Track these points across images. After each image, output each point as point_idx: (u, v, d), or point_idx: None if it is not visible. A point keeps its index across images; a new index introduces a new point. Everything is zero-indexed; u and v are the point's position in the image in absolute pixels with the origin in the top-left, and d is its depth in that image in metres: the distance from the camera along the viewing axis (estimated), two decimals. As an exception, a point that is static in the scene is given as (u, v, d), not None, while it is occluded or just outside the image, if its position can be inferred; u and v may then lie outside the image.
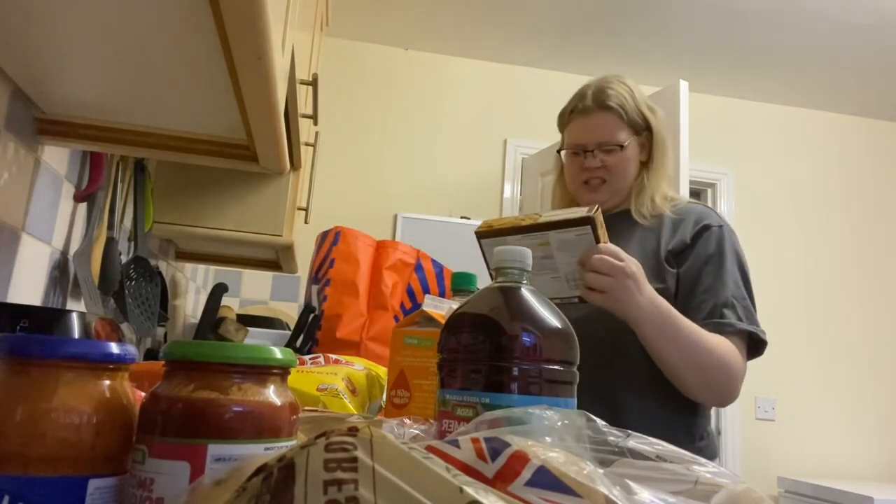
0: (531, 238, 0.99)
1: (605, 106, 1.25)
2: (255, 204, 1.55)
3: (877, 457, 3.60)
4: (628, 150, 1.26)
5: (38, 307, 0.97)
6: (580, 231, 0.98)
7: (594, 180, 1.27)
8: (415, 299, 1.86)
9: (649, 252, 1.20)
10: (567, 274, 1.02)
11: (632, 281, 1.02)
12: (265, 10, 0.63)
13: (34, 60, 0.83)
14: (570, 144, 1.30)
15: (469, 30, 3.34)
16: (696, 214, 1.24)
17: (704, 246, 1.19)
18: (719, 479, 0.35)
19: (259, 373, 0.42)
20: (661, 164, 1.29)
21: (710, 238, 1.19)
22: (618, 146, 1.25)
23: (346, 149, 3.41)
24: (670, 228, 1.23)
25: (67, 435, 0.38)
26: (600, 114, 1.25)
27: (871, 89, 3.65)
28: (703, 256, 1.18)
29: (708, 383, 1.10)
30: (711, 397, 1.14)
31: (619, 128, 1.25)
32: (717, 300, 1.13)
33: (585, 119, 1.27)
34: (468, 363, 0.52)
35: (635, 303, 1.03)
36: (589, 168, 1.26)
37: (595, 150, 1.25)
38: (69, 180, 1.12)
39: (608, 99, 1.25)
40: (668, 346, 1.07)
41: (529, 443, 0.34)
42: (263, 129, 0.91)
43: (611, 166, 1.26)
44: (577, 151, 1.28)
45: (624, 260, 1.02)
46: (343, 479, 0.27)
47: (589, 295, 1.03)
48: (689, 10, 3.00)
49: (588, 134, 1.26)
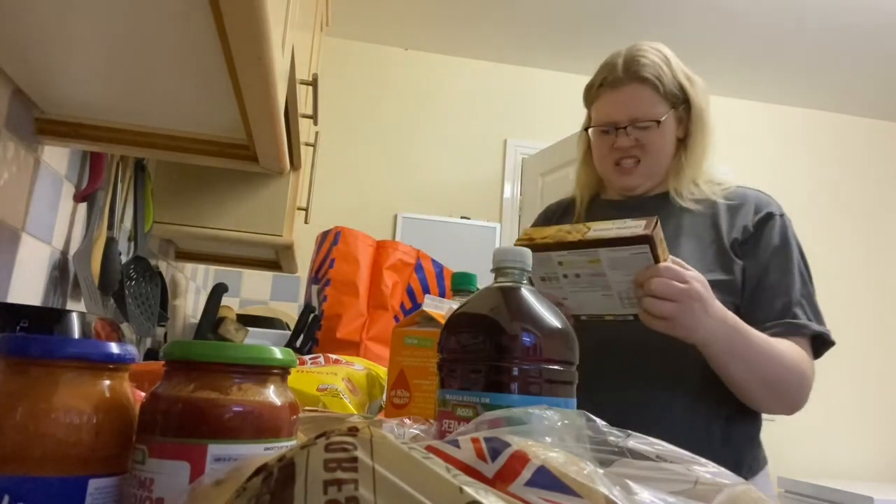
0: (579, 254, 0.87)
1: (639, 77, 1.10)
2: (255, 204, 1.55)
3: (877, 457, 3.60)
4: (665, 126, 1.12)
5: (38, 307, 0.97)
6: (637, 250, 0.85)
7: (627, 161, 1.13)
8: (415, 299, 1.86)
9: (707, 241, 1.09)
10: (621, 292, 0.90)
11: (698, 304, 0.90)
12: (265, 11, 0.63)
13: (34, 60, 0.83)
14: (599, 121, 1.16)
15: (469, 30, 3.35)
16: (755, 201, 1.12)
17: (769, 236, 1.07)
18: (719, 479, 0.35)
19: (259, 373, 0.42)
20: (701, 140, 1.14)
21: (775, 228, 1.08)
22: (654, 122, 1.10)
23: (346, 149, 3.41)
24: (728, 215, 1.11)
25: (67, 435, 0.38)
26: (633, 86, 1.11)
27: (872, 89, 3.65)
28: (769, 248, 1.07)
29: (780, 396, 1.01)
30: (782, 408, 1.03)
31: (654, 101, 1.11)
32: (788, 298, 1.04)
33: (616, 92, 1.13)
34: (468, 363, 0.52)
35: (703, 326, 0.92)
36: (621, 147, 1.12)
37: (628, 126, 1.11)
38: (69, 180, 1.12)
39: (642, 69, 1.10)
40: (739, 365, 0.97)
41: (529, 443, 0.34)
42: (263, 129, 0.91)
43: (646, 144, 1.12)
44: (608, 129, 1.14)
45: (688, 281, 0.89)
46: (343, 479, 0.27)
47: (649, 320, 0.90)
48: (689, 10, 3.00)
49: (620, 109, 1.12)
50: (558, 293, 0.93)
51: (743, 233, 1.08)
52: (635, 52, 1.13)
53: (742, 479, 0.36)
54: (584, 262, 0.88)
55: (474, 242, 3.33)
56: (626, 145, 1.12)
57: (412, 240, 2.88)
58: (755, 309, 1.04)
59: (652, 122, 1.10)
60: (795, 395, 1.01)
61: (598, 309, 0.93)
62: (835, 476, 3.44)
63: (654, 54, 1.12)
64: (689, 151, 1.14)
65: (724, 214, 1.11)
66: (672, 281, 0.88)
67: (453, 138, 3.55)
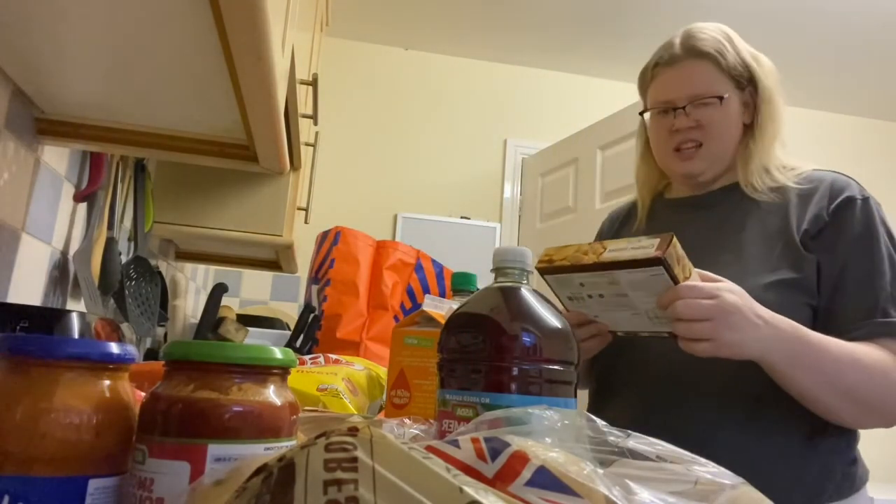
0: (597, 277, 0.82)
1: (698, 52, 1.02)
2: (255, 204, 1.55)
3: (877, 457, 3.59)
4: (729, 106, 1.02)
5: (38, 307, 0.97)
6: (652, 272, 0.78)
7: (687, 145, 1.03)
8: (415, 299, 1.86)
9: (774, 234, 0.97)
10: (648, 311, 0.84)
11: (737, 316, 0.79)
12: (265, 11, 0.63)
13: (34, 60, 0.83)
14: (655, 102, 1.07)
15: (469, 30, 3.34)
16: (831, 183, 0.99)
17: (849, 225, 0.94)
18: (719, 480, 0.35)
19: (259, 373, 0.42)
20: (771, 125, 1.04)
21: (855, 214, 0.95)
22: (716, 98, 1.01)
23: (346, 149, 3.41)
24: (799, 204, 0.98)
25: (67, 435, 0.38)
26: (692, 62, 1.03)
27: (873, 89, 3.65)
28: (850, 238, 0.94)
29: (869, 407, 0.87)
30: (875, 422, 0.90)
31: (715, 77, 1.02)
32: (875, 295, 0.90)
33: (673, 69, 1.04)
34: (468, 363, 0.52)
35: (752, 339, 0.80)
36: (680, 129, 1.02)
37: (687, 105, 1.02)
38: (69, 180, 1.12)
39: (701, 43, 1.03)
40: (806, 376, 0.84)
41: (529, 443, 0.34)
42: (263, 129, 0.91)
43: (707, 125, 1.01)
44: (665, 110, 1.04)
45: (717, 295, 0.79)
46: (343, 479, 0.27)
47: (689, 346, 0.80)
48: (690, 10, 3.00)
49: (677, 86, 1.03)
50: (589, 311, 0.88)
51: (814, 223, 0.95)
52: (694, 29, 1.06)
53: (742, 480, 0.36)
54: (605, 283, 0.83)
55: (474, 242, 3.33)
56: (686, 125, 1.02)
57: (412, 240, 2.88)
58: (836, 310, 0.92)
59: (713, 98, 1.01)
60: (887, 403, 0.87)
61: (631, 326, 0.87)
62: (835, 476, 3.43)
63: (714, 31, 1.05)
64: (758, 136, 1.03)
65: (795, 203, 0.99)
66: (697, 300, 0.78)
67: (453, 138, 3.55)
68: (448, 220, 3.39)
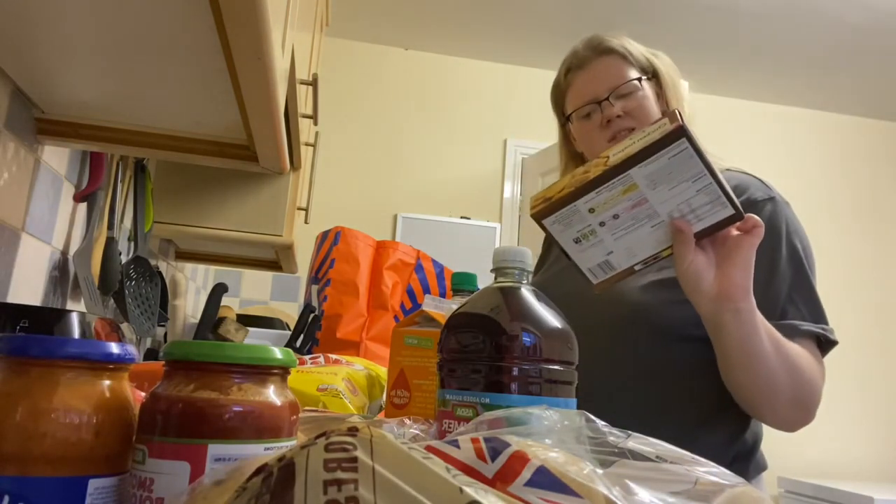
0: (609, 189, 0.72)
1: (605, 48, 1.06)
2: (255, 204, 1.55)
3: (877, 457, 3.60)
4: (647, 90, 1.04)
5: (38, 307, 0.97)
6: (674, 150, 0.70)
7: (621, 134, 1.02)
8: (415, 299, 1.86)
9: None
10: (672, 212, 0.75)
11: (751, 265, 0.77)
12: (265, 11, 0.63)
13: (34, 60, 0.83)
14: (578, 104, 1.07)
15: (469, 30, 3.34)
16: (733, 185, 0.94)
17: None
18: (719, 480, 0.35)
19: (259, 373, 0.42)
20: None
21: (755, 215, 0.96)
22: (634, 82, 1.03)
23: (346, 149, 3.41)
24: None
25: (67, 435, 0.38)
26: (602, 58, 1.06)
27: (870, 89, 3.65)
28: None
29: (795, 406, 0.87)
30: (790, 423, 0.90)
31: (627, 68, 1.05)
32: (775, 297, 0.91)
33: (586, 71, 1.06)
34: (468, 363, 0.52)
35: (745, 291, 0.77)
36: (611, 118, 1.02)
37: (610, 96, 1.03)
38: (69, 180, 1.12)
39: (606, 42, 1.06)
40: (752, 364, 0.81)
41: (529, 443, 0.34)
42: (263, 129, 0.91)
43: (633, 111, 1.02)
44: (590, 109, 1.05)
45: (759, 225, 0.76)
46: (343, 479, 0.27)
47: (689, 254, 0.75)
48: (688, 10, 3.00)
49: (595, 83, 1.05)
50: (601, 250, 0.77)
51: None
52: (594, 35, 1.09)
53: (742, 480, 0.36)
54: (619, 195, 0.73)
55: (474, 242, 3.34)
56: (614, 114, 1.02)
57: (412, 240, 2.88)
58: None
59: (633, 83, 1.03)
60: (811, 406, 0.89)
61: (652, 247, 0.77)
62: (835, 476, 3.44)
63: (612, 34, 1.08)
64: None
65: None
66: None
67: (453, 138, 3.55)
68: (448, 220, 3.39)
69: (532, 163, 3.43)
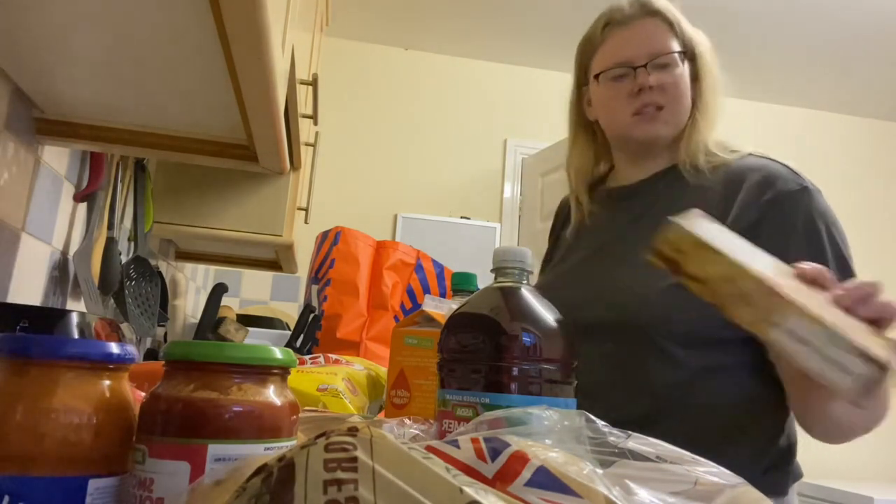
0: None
1: (653, 10, 0.96)
2: (255, 204, 1.55)
3: (877, 457, 3.60)
4: (685, 68, 0.95)
5: (38, 307, 0.97)
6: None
7: (648, 108, 0.94)
8: (415, 299, 1.86)
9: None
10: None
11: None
12: (265, 11, 0.63)
13: (34, 60, 0.83)
14: (610, 64, 0.96)
15: (469, 30, 3.34)
16: (761, 175, 0.88)
17: (784, 222, 0.85)
18: (719, 480, 0.35)
19: (259, 373, 0.42)
20: (713, 104, 0.97)
21: (790, 209, 0.85)
22: (676, 56, 0.94)
23: (346, 149, 3.41)
24: (723, 193, 0.89)
25: (67, 435, 0.38)
26: (647, 20, 0.96)
27: (869, 89, 3.65)
28: (786, 237, 0.84)
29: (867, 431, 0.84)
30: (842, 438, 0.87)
31: (672, 38, 0.95)
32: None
33: (628, 29, 0.96)
34: (468, 363, 0.52)
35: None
36: (643, 89, 0.93)
37: (648, 64, 0.93)
38: (69, 180, 1.12)
39: (654, 3, 0.97)
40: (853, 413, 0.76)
41: (529, 443, 0.34)
42: (263, 129, 0.91)
43: (668, 86, 0.93)
44: (623, 72, 0.95)
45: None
46: (343, 479, 0.27)
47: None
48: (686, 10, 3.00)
49: (635, 45, 0.95)
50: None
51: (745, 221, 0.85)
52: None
53: (742, 480, 0.36)
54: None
55: (474, 242, 3.34)
56: (648, 84, 0.93)
57: (412, 240, 2.88)
58: None
59: (674, 56, 0.94)
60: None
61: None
62: (835, 476, 3.44)
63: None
64: (702, 115, 0.96)
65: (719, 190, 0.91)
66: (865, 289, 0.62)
67: (453, 138, 3.55)
68: (448, 220, 3.39)
69: (532, 163, 3.43)
